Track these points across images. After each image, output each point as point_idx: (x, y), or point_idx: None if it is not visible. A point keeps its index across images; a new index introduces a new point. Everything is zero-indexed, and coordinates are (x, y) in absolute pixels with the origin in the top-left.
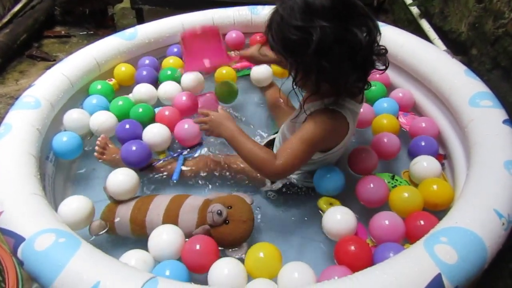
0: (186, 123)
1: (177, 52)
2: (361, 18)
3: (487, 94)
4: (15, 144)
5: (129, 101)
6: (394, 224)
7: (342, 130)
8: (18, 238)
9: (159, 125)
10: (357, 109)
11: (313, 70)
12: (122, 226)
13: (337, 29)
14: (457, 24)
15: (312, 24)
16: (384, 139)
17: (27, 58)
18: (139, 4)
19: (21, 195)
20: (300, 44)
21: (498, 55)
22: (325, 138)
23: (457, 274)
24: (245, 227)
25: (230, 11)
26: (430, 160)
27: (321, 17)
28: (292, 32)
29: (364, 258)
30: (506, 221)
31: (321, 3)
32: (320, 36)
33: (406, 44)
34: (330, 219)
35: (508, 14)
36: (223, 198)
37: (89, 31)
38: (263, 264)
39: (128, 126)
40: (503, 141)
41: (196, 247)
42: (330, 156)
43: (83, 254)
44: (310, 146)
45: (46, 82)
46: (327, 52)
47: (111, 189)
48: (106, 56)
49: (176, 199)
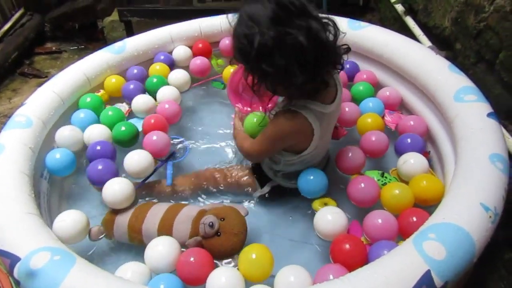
0: (154, 135)
1: (164, 59)
2: (306, 21)
3: (471, 88)
4: (8, 164)
5: (118, 112)
6: (387, 222)
7: (304, 130)
8: (14, 258)
9: (140, 151)
10: (325, 109)
11: (261, 74)
12: (120, 232)
13: (275, 34)
14: (440, 19)
15: (253, 31)
16: (372, 137)
17: (19, 76)
18: (127, 16)
19: (15, 214)
20: (246, 51)
21: (481, 48)
22: (285, 137)
23: (446, 269)
24: (236, 239)
25: (216, 20)
26: (417, 157)
27: (262, 24)
28: (240, 41)
29: (360, 256)
30: (493, 214)
31: (263, 12)
32: (259, 41)
33: (390, 43)
34: (321, 220)
35: (488, 8)
36: (217, 209)
37: (79, 46)
38: (255, 264)
39: (99, 148)
40: (488, 134)
41: (190, 260)
42: (307, 157)
43: (78, 271)
44: (270, 143)
45: (37, 100)
46: (268, 56)
47: (107, 198)
48: (96, 71)
49: (173, 209)
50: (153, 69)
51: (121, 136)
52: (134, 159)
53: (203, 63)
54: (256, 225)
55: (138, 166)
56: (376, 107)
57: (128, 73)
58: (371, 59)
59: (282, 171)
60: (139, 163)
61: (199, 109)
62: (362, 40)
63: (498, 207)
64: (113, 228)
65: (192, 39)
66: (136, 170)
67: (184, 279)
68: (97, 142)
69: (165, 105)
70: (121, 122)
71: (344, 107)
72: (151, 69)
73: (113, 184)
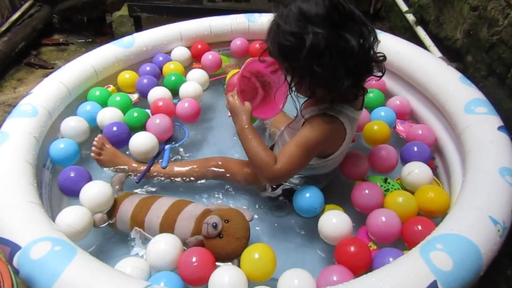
0: (157, 118)
1: (162, 60)
2: (356, 25)
3: (482, 101)
4: (12, 152)
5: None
6: (390, 220)
7: (339, 135)
8: (14, 247)
9: (145, 133)
10: (356, 115)
11: (306, 75)
12: (122, 221)
13: (330, 36)
14: (452, 31)
15: (305, 30)
16: (382, 152)
17: (25, 66)
18: (137, 12)
19: (17, 203)
20: (294, 49)
21: (493, 62)
22: (322, 143)
23: (453, 281)
24: (238, 243)
25: (227, 19)
26: (421, 167)
27: (315, 24)
28: (286, 38)
29: (364, 260)
30: (501, 228)
31: (316, 10)
32: (312, 41)
33: (402, 51)
34: (326, 223)
35: (502, 21)
36: (222, 210)
37: (87, 39)
38: (257, 263)
39: (116, 129)
40: (498, 147)
41: (192, 260)
42: (329, 162)
43: (79, 263)
44: (307, 151)
45: (44, 90)
46: (318, 57)
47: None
48: (104, 64)
49: (177, 204)
50: (167, 68)
51: (133, 122)
52: (140, 141)
53: (214, 57)
54: (258, 227)
55: (144, 147)
56: (388, 116)
57: (141, 70)
58: None
59: (300, 175)
60: (145, 144)
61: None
62: None
63: (507, 221)
64: (116, 216)
65: (202, 38)
66: (141, 151)
67: (185, 279)
68: (113, 123)
69: (185, 104)
70: (133, 109)
71: None
72: (165, 68)
73: (91, 187)
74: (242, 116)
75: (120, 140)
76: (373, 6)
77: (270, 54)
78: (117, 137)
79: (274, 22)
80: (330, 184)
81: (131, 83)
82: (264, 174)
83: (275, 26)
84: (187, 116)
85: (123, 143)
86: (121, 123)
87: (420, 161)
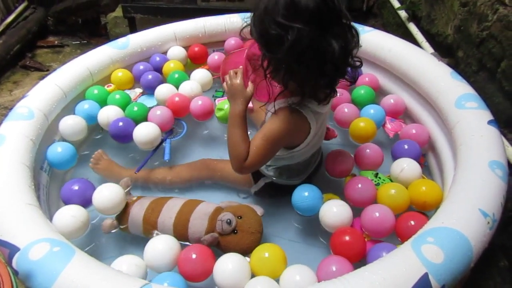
0: (158, 110)
1: (160, 61)
2: (341, 29)
3: (472, 95)
4: (9, 155)
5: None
6: (383, 215)
7: (303, 128)
8: (13, 248)
9: (148, 123)
10: (321, 110)
11: (281, 67)
12: (134, 225)
13: (314, 35)
14: (443, 27)
15: (291, 23)
16: (367, 150)
17: (21, 68)
18: (131, 13)
19: (15, 205)
20: (275, 40)
21: (484, 56)
22: (285, 136)
23: (444, 273)
24: (253, 238)
25: (221, 19)
26: (410, 163)
27: (302, 18)
28: (271, 26)
29: (358, 248)
30: (491, 220)
31: (306, 4)
32: (296, 37)
33: (394, 48)
34: (327, 212)
35: (491, 17)
36: (234, 207)
37: (82, 41)
38: (267, 263)
39: (122, 124)
40: (488, 141)
41: (192, 256)
42: (297, 153)
43: (77, 263)
44: (271, 143)
45: (40, 92)
46: (299, 54)
47: (97, 205)
48: (99, 66)
49: (189, 204)
50: (168, 67)
51: (133, 116)
52: (143, 131)
53: (220, 59)
54: None
55: (148, 136)
56: (377, 114)
57: (134, 69)
58: (374, 63)
59: (272, 166)
60: (149, 134)
61: None
62: (366, 44)
63: (497, 213)
64: (128, 220)
65: (196, 38)
66: (146, 141)
67: (187, 276)
68: (119, 119)
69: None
70: (133, 103)
71: (343, 108)
72: (165, 68)
73: (103, 190)
74: (240, 101)
75: (127, 135)
76: (366, 3)
77: (250, 34)
78: (124, 132)
79: (263, 3)
80: (325, 179)
81: (125, 81)
82: (234, 164)
83: (262, 8)
84: (201, 114)
85: (130, 137)
86: (127, 119)
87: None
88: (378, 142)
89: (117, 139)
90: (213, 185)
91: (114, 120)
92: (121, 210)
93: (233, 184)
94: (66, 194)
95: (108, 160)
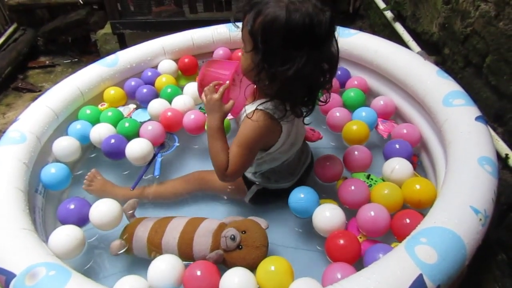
0: (150, 125)
1: (152, 76)
2: (332, 56)
3: (459, 92)
4: (2, 180)
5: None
6: (379, 214)
7: (274, 129)
8: (9, 275)
9: (140, 139)
10: None
11: (276, 81)
12: (139, 246)
13: (318, 62)
14: (428, 25)
15: (302, 49)
16: (356, 153)
17: (13, 90)
18: (120, 29)
19: (9, 231)
20: (281, 57)
21: (469, 53)
22: (259, 139)
23: (438, 273)
24: (258, 252)
25: (208, 31)
26: (401, 162)
27: (312, 44)
28: (281, 41)
29: (353, 250)
30: (483, 217)
31: (319, 31)
32: (304, 63)
33: (380, 50)
34: (320, 216)
35: (474, 13)
36: (238, 222)
37: (73, 59)
38: (274, 277)
39: (114, 141)
40: (476, 138)
41: (197, 273)
42: (275, 154)
43: (73, 285)
44: (247, 148)
45: (31, 115)
46: (298, 77)
47: (94, 221)
48: (89, 85)
49: (192, 222)
50: (160, 82)
51: (125, 132)
52: (136, 147)
53: None
54: None
55: (140, 152)
56: (369, 116)
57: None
58: (362, 65)
59: (257, 171)
60: (141, 150)
61: None
62: (352, 47)
63: (488, 209)
64: (132, 242)
65: (185, 51)
66: (138, 157)
67: None
68: (111, 136)
69: None
70: (124, 119)
71: (334, 112)
72: (157, 83)
73: (100, 206)
74: (217, 115)
75: (119, 152)
76: (352, 5)
77: (244, 23)
78: (116, 149)
79: (277, 8)
80: (318, 184)
81: (118, 98)
82: (217, 173)
83: (276, 14)
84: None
85: (122, 154)
86: (119, 135)
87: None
88: (371, 144)
89: (110, 156)
90: (211, 199)
91: (106, 138)
92: (117, 225)
93: (227, 194)
94: (62, 213)
95: (102, 179)
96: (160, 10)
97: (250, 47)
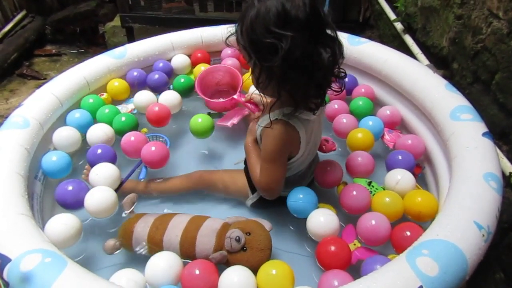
0: (132, 136)
1: (163, 67)
2: (329, 40)
3: (467, 107)
4: (3, 164)
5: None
6: (379, 223)
7: (295, 138)
8: (4, 259)
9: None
10: (309, 117)
11: (276, 77)
12: (139, 244)
13: (306, 43)
14: (438, 39)
15: (284, 31)
16: (358, 158)
17: (18, 77)
18: (129, 23)
19: (7, 215)
20: (269, 47)
21: (478, 69)
22: (284, 150)
23: (438, 286)
24: (262, 255)
25: (218, 30)
26: (404, 173)
27: (294, 27)
28: (264, 34)
29: (343, 259)
30: (486, 233)
31: (296, 14)
32: (290, 45)
33: (389, 60)
34: (314, 221)
35: (485, 29)
36: (242, 223)
37: (80, 49)
38: (274, 281)
39: (100, 151)
40: (482, 153)
41: (195, 272)
42: (295, 164)
43: (69, 274)
44: (275, 162)
45: (35, 101)
46: (292, 61)
47: (89, 209)
48: (96, 75)
49: (195, 220)
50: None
51: (121, 126)
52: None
53: (234, 63)
54: None
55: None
56: (376, 125)
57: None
58: (370, 74)
59: None
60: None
61: None
62: (362, 55)
63: (492, 226)
64: (132, 240)
65: (193, 48)
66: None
67: None
68: (98, 146)
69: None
70: (121, 114)
71: (341, 118)
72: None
73: (95, 193)
74: (247, 136)
75: (77, 200)
76: (362, 15)
77: (237, 41)
78: (102, 160)
79: (253, 10)
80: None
81: (121, 90)
82: (257, 187)
83: (252, 16)
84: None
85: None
86: (106, 146)
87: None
88: (374, 153)
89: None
90: (212, 197)
91: (93, 147)
92: (113, 213)
93: (229, 194)
94: (60, 194)
95: None
96: (170, 6)
97: (248, 57)
